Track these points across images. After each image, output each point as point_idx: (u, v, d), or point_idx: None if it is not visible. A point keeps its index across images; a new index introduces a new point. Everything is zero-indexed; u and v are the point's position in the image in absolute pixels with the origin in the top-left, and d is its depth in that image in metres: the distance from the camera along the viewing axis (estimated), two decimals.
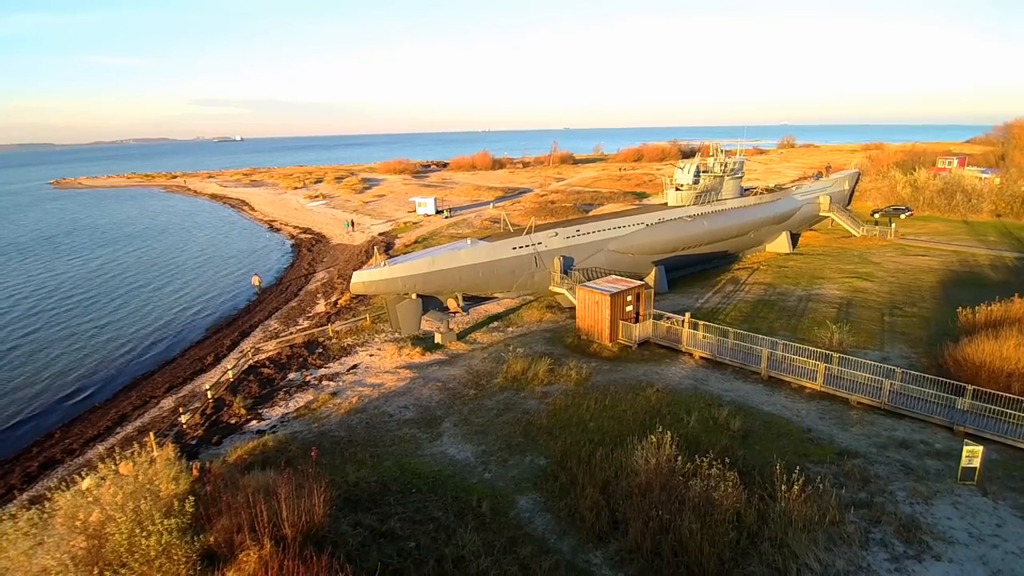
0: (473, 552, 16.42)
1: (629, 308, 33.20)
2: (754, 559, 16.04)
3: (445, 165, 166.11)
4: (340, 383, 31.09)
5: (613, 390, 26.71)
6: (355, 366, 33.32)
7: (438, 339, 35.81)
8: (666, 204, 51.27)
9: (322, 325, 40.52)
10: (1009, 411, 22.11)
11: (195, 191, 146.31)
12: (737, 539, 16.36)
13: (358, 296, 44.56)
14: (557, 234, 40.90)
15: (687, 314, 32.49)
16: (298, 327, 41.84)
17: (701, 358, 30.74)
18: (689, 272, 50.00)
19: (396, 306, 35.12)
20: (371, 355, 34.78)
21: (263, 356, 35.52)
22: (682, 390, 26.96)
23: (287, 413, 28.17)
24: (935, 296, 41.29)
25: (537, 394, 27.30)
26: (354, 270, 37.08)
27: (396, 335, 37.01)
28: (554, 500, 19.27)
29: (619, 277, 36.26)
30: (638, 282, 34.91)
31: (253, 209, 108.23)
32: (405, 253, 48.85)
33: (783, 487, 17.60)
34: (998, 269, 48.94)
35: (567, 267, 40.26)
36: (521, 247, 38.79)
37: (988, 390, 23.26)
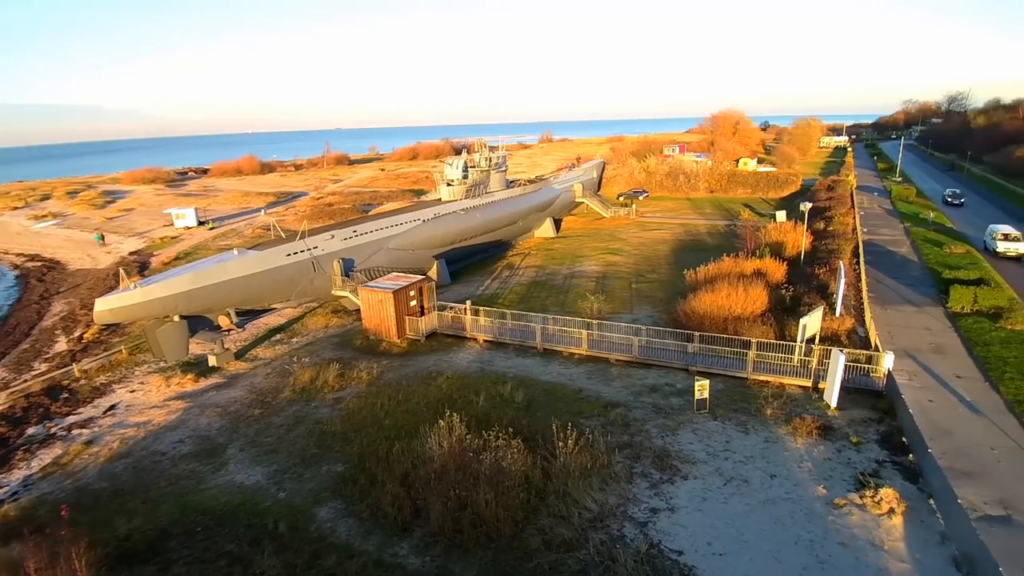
0: None
1: (413, 303, 33.93)
2: (543, 513, 17.81)
3: (206, 171, 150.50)
4: (96, 428, 27.03)
5: (405, 384, 27.24)
6: (114, 406, 29.20)
7: (212, 361, 32.90)
8: (440, 200, 53.00)
9: (66, 366, 34.59)
10: (725, 349, 27.28)
11: None
12: (527, 499, 18.00)
13: (108, 326, 38.91)
14: (333, 236, 39.99)
15: (468, 302, 34.21)
16: (34, 372, 35.16)
17: (485, 341, 32.65)
18: (469, 262, 52.34)
19: (156, 331, 31.40)
20: (132, 391, 30.74)
21: None
22: (470, 373, 28.46)
23: (31, 475, 23.72)
24: (669, 262, 48.84)
25: (329, 401, 26.72)
26: (99, 297, 32.27)
27: (161, 364, 33.16)
28: (355, 503, 19.26)
29: (401, 274, 36.72)
30: (420, 276, 35.77)
31: None
32: (164, 271, 43.73)
33: (561, 444, 19.71)
34: (713, 235, 59.51)
35: (348, 269, 39.59)
36: (296, 253, 37.19)
37: (711, 334, 28.36)
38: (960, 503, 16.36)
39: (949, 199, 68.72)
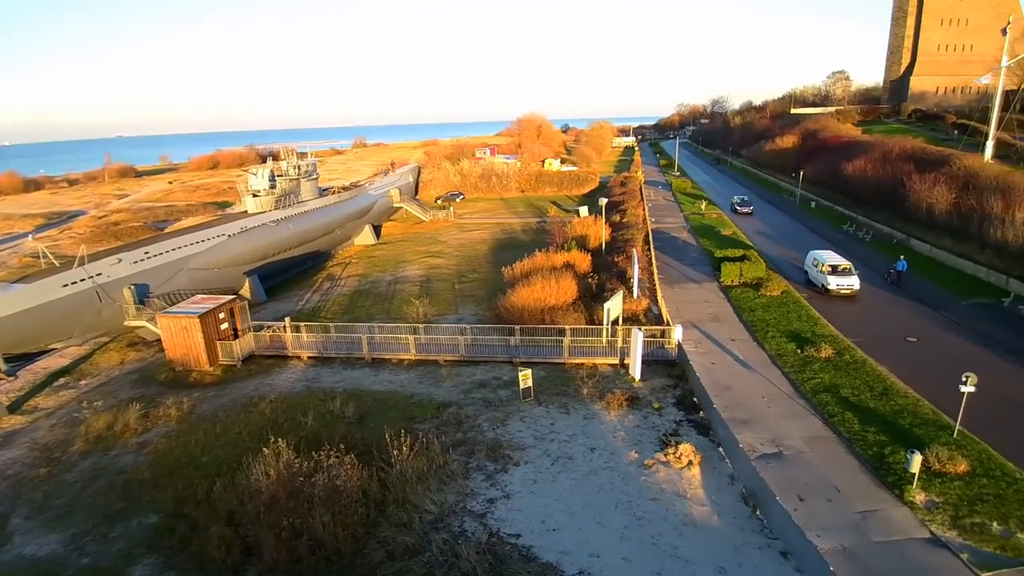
0: None
1: (224, 326, 31.50)
2: (384, 524, 17.70)
3: None
4: None
5: (223, 415, 25.35)
6: None
7: None
8: (247, 212, 49.67)
9: None
10: (544, 338, 29.17)
11: None
12: (367, 513, 17.80)
13: None
14: (120, 260, 35.62)
15: (287, 319, 32.63)
16: None
17: (310, 358, 31.39)
18: (286, 277, 49.76)
19: None
20: None
21: None
22: (295, 393, 27.26)
23: None
24: (488, 261, 50.84)
25: (132, 446, 23.93)
26: None
27: None
28: (176, 554, 17.60)
29: (207, 295, 33.88)
30: (229, 297, 33.27)
31: None
32: None
33: (396, 452, 19.77)
34: (527, 232, 62.99)
35: (142, 295, 35.53)
36: (75, 282, 32.60)
37: (530, 325, 30.10)
38: (742, 447, 19.41)
39: (738, 207, 60.78)
